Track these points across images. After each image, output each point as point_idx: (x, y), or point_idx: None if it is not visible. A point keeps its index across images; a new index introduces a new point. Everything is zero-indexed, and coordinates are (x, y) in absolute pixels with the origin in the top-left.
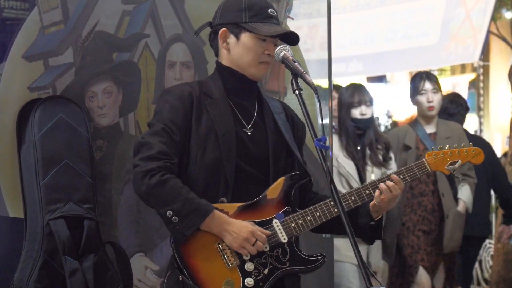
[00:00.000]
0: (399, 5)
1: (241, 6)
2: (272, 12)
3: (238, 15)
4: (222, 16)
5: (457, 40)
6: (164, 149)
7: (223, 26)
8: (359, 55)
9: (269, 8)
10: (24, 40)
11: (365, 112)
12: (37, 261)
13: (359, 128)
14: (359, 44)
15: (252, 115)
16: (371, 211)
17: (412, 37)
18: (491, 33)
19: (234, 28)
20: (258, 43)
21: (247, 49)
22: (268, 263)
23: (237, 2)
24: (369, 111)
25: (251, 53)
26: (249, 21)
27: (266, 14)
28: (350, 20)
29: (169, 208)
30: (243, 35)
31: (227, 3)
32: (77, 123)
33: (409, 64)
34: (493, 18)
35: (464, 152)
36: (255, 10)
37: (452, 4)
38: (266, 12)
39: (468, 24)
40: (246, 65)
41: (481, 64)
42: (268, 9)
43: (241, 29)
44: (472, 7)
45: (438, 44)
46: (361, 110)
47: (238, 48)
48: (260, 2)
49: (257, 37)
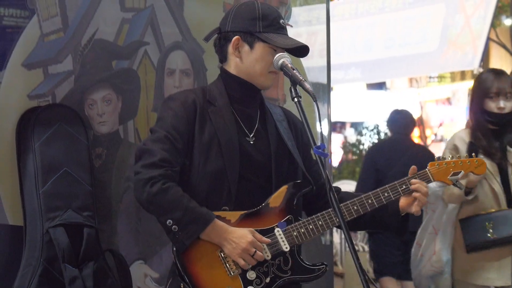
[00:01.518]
0: (398, 12)
1: (255, 15)
2: (283, 23)
3: (252, 24)
4: (234, 23)
5: (457, 47)
6: (166, 157)
7: (236, 34)
8: (358, 62)
9: (280, 18)
10: (23, 48)
11: (504, 105)
12: (37, 268)
13: (494, 124)
14: (357, 51)
15: (254, 123)
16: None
17: (411, 44)
18: (490, 40)
19: (248, 36)
20: (270, 53)
21: (259, 59)
22: (270, 271)
23: (251, 10)
24: (508, 104)
25: (262, 63)
26: (263, 31)
27: (278, 25)
28: (349, 27)
29: (169, 217)
30: (257, 45)
31: (239, 10)
32: (76, 131)
33: (408, 71)
34: (492, 25)
35: (467, 163)
36: (269, 20)
37: (452, 11)
38: (279, 23)
39: (468, 31)
40: (256, 74)
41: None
42: (280, 19)
43: (255, 39)
44: (471, 14)
45: (437, 50)
46: (498, 104)
47: (251, 57)
48: (273, 13)
49: (269, 47)
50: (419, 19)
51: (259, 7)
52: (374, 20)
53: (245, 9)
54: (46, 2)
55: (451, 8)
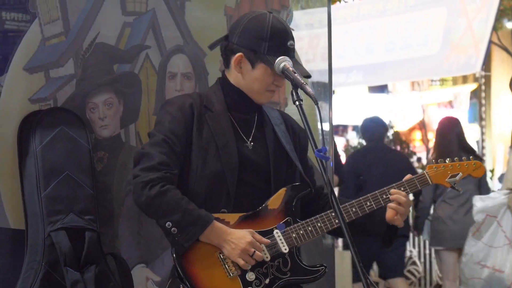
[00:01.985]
0: (400, 15)
1: (263, 35)
2: (291, 45)
3: (258, 43)
4: (241, 37)
5: (459, 50)
6: (164, 160)
7: (240, 50)
8: (359, 65)
9: (289, 40)
10: (25, 52)
11: None
12: (38, 272)
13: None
14: (359, 54)
15: (251, 128)
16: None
17: (412, 47)
18: (492, 43)
19: (252, 55)
20: (270, 75)
21: (259, 79)
22: (269, 273)
23: (260, 28)
24: None
25: (261, 83)
26: (267, 53)
27: (284, 48)
28: (351, 31)
29: (168, 220)
30: (258, 66)
31: (248, 24)
32: (78, 134)
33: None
34: (494, 28)
35: (464, 165)
36: (275, 42)
37: (454, 14)
38: (286, 46)
39: (470, 34)
40: (254, 92)
41: (483, 74)
42: (288, 42)
43: (258, 59)
44: (473, 17)
45: (439, 54)
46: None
47: (251, 76)
48: (282, 33)
49: (270, 70)
50: (421, 22)
51: (269, 26)
52: (376, 23)
53: (255, 25)
54: (47, 6)
55: (453, 11)
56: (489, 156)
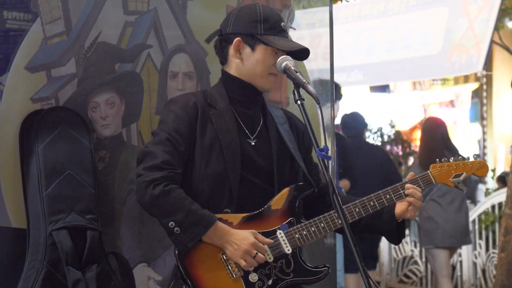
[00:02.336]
0: (402, 15)
1: (257, 18)
2: (284, 26)
3: (254, 26)
4: (235, 25)
5: (460, 50)
6: (168, 159)
7: (237, 36)
8: (360, 65)
9: (281, 21)
10: (26, 51)
11: None
12: (40, 271)
13: None
14: (360, 53)
15: (256, 125)
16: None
17: (414, 47)
18: (494, 43)
19: (250, 39)
20: (271, 55)
21: (260, 61)
22: (272, 274)
23: (252, 13)
24: None
25: (263, 65)
26: (264, 33)
27: (280, 28)
28: (352, 30)
29: (172, 219)
30: (258, 47)
31: (240, 13)
32: (79, 134)
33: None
34: (496, 28)
35: (468, 165)
36: (270, 23)
37: (455, 14)
38: (280, 26)
39: (471, 33)
40: (257, 76)
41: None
42: (281, 22)
43: (257, 41)
44: (475, 17)
45: (441, 53)
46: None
47: (252, 59)
48: (274, 16)
49: (270, 50)
50: (422, 22)
51: (260, 10)
52: (377, 23)
53: (246, 12)
54: (49, 5)
55: (454, 11)
56: (490, 156)
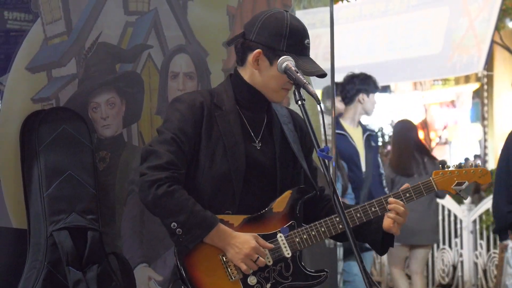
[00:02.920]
0: (402, 15)
1: (282, 32)
2: (308, 43)
3: (277, 40)
4: (259, 34)
5: (461, 50)
6: (172, 159)
7: (259, 46)
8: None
9: (306, 39)
10: (27, 52)
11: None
12: (40, 272)
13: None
14: (361, 54)
15: (261, 128)
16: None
17: (415, 47)
18: (495, 43)
19: (270, 52)
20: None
21: (277, 77)
22: (271, 277)
23: (279, 25)
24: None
25: (279, 81)
26: (286, 50)
27: (303, 46)
28: (353, 30)
29: (174, 220)
30: (276, 63)
31: (266, 21)
32: (80, 134)
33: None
34: (496, 28)
35: (471, 172)
36: (294, 40)
37: (455, 14)
38: (303, 44)
39: (472, 33)
40: (269, 90)
41: (485, 74)
42: (305, 40)
43: (277, 57)
44: (475, 17)
45: (442, 54)
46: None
47: (269, 73)
48: (300, 31)
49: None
50: (423, 22)
51: (288, 24)
52: (378, 23)
53: (273, 23)
54: (49, 6)
55: (455, 11)
56: (491, 156)
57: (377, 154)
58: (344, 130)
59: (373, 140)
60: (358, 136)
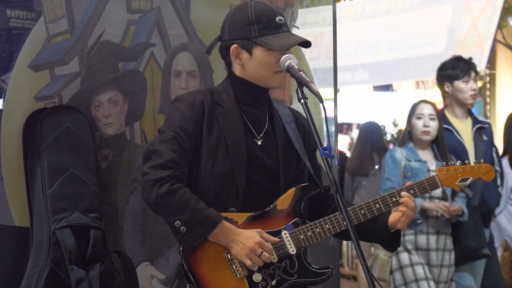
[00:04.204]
0: (405, 13)
1: (249, 20)
2: (280, 19)
3: (247, 29)
4: (230, 32)
5: (463, 49)
6: (174, 158)
7: (234, 42)
8: (365, 64)
9: (276, 16)
10: (30, 50)
11: None
12: (43, 270)
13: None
14: (364, 53)
15: (263, 124)
16: (390, 227)
17: (418, 45)
18: (497, 42)
19: (246, 43)
20: (271, 55)
21: (261, 64)
22: (276, 274)
23: (244, 15)
24: None
25: (265, 67)
26: (259, 35)
27: (275, 25)
28: (356, 29)
29: (177, 218)
30: (255, 50)
31: (233, 17)
32: (83, 132)
33: (415, 73)
34: (499, 27)
35: (475, 169)
36: (263, 22)
37: (458, 12)
38: (275, 22)
39: (474, 32)
40: (262, 78)
41: (488, 73)
42: (276, 17)
43: (253, 44)
44: (478, 16)
45: (444, 52)
46: None
47: (252, 63)
48: (267, 12)
49: (268, 50)
50: (425, 21)
51: (252, 10)
52: (380, 21)
53: (238, 15)
54: (52, 4)
55: (457, 9)
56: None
57: (491, 148)
58: (450, 124)
59: (485, 133)
60: (466, 130)
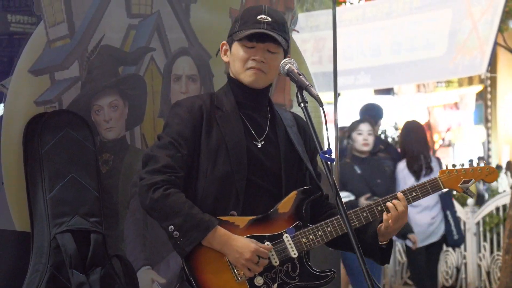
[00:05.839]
0: (406, 17)
1: (238, 18)
2: (263, 18)
3: (233, 26)
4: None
5: (464, 52)
6: (169, 163)
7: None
8: (367, 68)
9: (260, 14)
10: (30, 55)
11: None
12: (44, 274)
13: None
14: (366, 56)
15: (264, 128)
16: (378, 234)
17: (419, 49)
18: (498, 45)
19: (229, 39)
20: (246, 50)
21: (235, 58)
22: (278, 277)
23: (237, 14)
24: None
25: (238, 61)
26: (237, 31)
27: (254, 20)
28: (357, 33)
29: (171, 223)
30: (233, 45)
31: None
32: (83, 137)
33: (417, 76)
34: (500, 30)
35: (478, 171)
36: (245, 18)
37: (459, 16)
38: (255, 18)
39: (475, 35)
40: (238, 73)
41: (488, 76)
42: (258, 15)
43: (232, 40)
44: (478, 19)
45: (445, 56)
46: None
47: (232, 58)
48: (252, 9)
49: (244, 45)
50: (426, 24)
51: (243, 10)
52: (381, 25)
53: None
54: (52, 9)
55: (458, 13)
56: (495, 158)
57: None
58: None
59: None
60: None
